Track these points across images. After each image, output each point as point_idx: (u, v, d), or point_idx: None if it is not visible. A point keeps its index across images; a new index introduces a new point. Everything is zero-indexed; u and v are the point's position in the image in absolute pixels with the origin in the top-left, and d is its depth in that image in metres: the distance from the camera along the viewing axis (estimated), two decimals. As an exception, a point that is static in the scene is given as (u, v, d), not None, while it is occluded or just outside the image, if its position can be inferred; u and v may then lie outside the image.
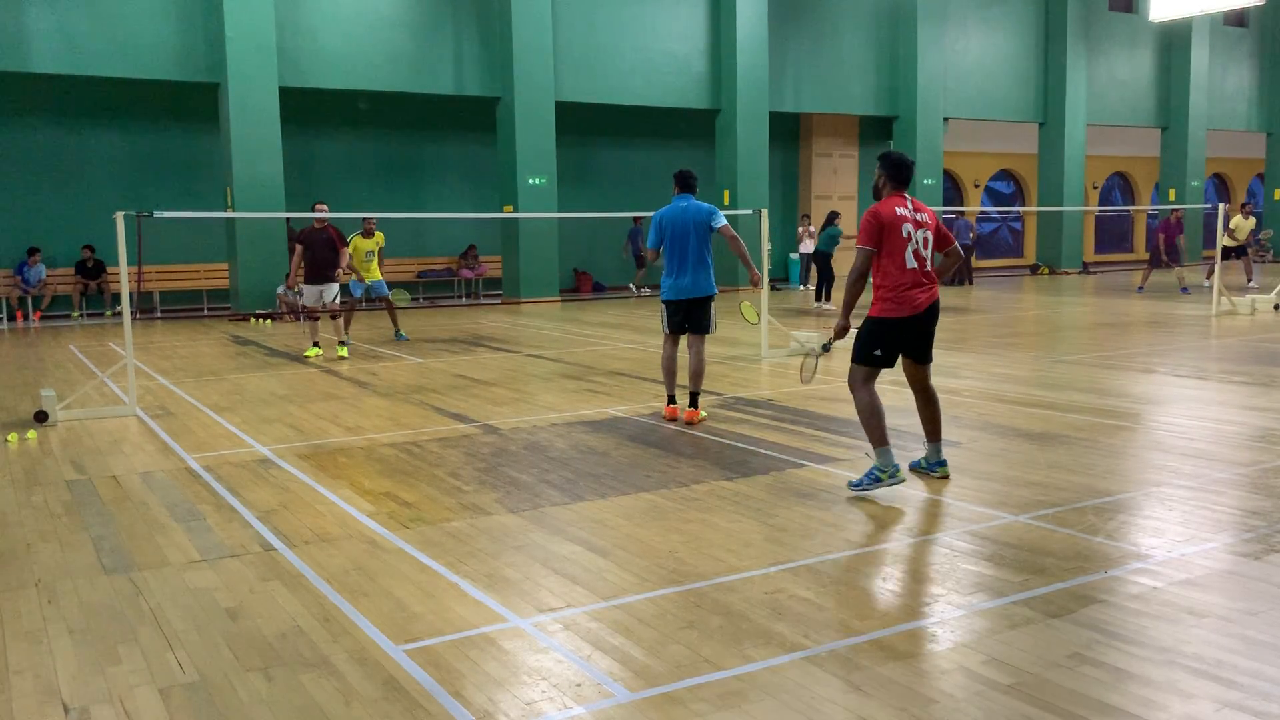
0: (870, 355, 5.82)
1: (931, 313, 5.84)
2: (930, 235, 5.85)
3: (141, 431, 8.12)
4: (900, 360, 6.00)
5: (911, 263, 5.73)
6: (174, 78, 17.74)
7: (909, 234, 5.73)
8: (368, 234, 13.78)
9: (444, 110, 21.41)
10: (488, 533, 5.23)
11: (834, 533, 5.14)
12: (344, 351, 12.44)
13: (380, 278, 13.96)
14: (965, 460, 6.60)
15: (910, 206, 5.84)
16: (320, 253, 12.43)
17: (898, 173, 5.90)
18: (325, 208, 12.61)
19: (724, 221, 7.94)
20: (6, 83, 17.49)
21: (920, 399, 6.14)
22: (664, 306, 8.09)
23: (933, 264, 5.89)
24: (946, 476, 6.14)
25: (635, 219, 22.66)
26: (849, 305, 5.92)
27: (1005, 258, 32.26)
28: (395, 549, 5.00)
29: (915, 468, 6.28)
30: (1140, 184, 34.69)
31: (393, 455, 7.06)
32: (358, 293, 13.85)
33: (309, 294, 12.63)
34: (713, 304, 8.01)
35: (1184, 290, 20.69)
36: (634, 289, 22.60)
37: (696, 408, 8.00)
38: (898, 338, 5.82)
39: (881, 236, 5.73)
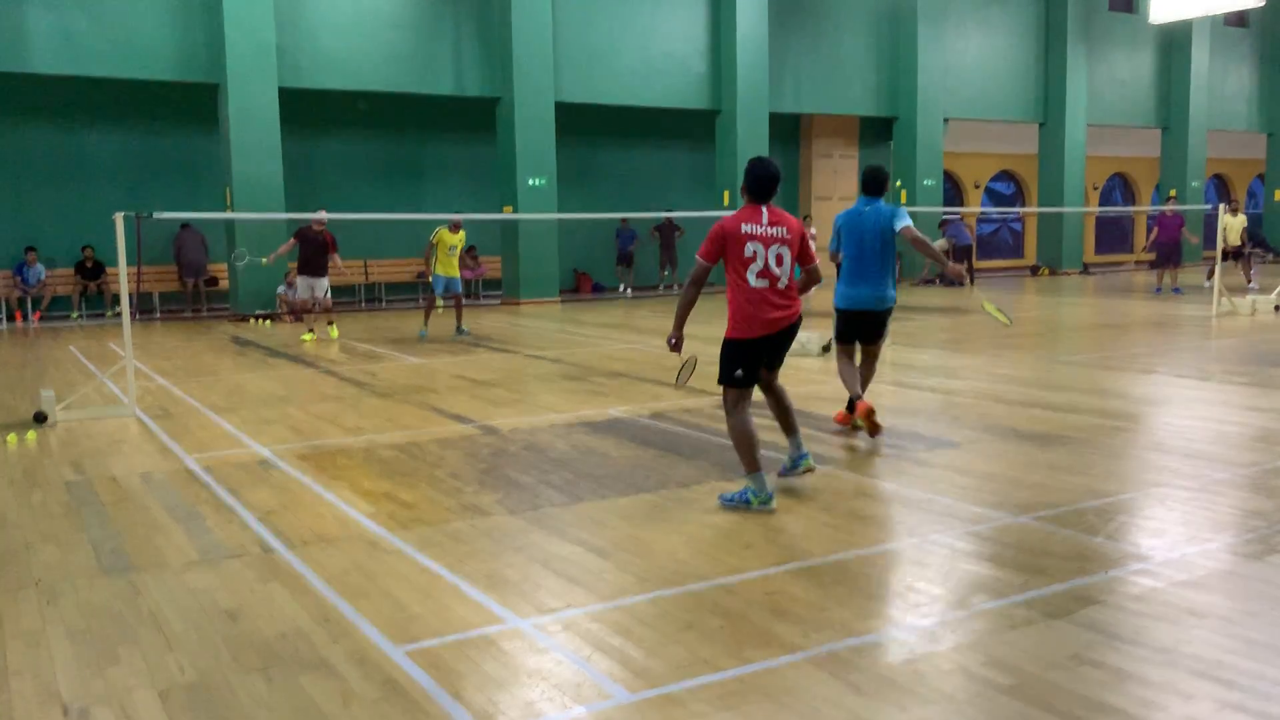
0: (731, 376, 5.62)
1: (789, 332, 5.65)
2: (786, 251, 5.55)
3: (141, 432, 8.12)
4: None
5: (757, 282, 5.48)
6: (174, 78, 17.74)
7: (754, 252, 5.45)
8: (454, 229, 14.23)
9: (444, 110, 21.41)
10: (487, 533, 5.22)
11: (834, 533, 5.14)
12: (335, 332, 14.22)
13: (458, 275, 14.48)
14: (965, 460, 6.60)
15: (764, 221, 5.52)
16: (312, 250, 13.95)
17: (757, 185, 5.57)
18: (324, 213, 13.96)
19: (906, 221, 7.19)
20: (6, 83, 17.48)
21: (768, 399, 5.96)
22: (837, 314, 7.46)
23: (790, 280, 5.60)
24: (812, 469, 5.99)
25: (623, 220, 22.80)
26: (680, 317, 5.69)
27: (1005, 258, 32.25)
28: (395, 550, 4.99)
29: (783, 474, 6.02)
30: (1140, 184, 34.69)
31: (392, 456, 7.06)
32: (439, 289, 14.37)
33: (301, 285, 14.05)
34: (889, 318, 7.51)
35: (1157, 290, 20.97)
36: (622, 288, 22.99)
37: (853, 411, 7.45)
38: (755, 358, 5.61)
39: (724, 251, 5.52)
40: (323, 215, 13.81)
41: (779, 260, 5.53)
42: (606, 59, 21.22)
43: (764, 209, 5.59)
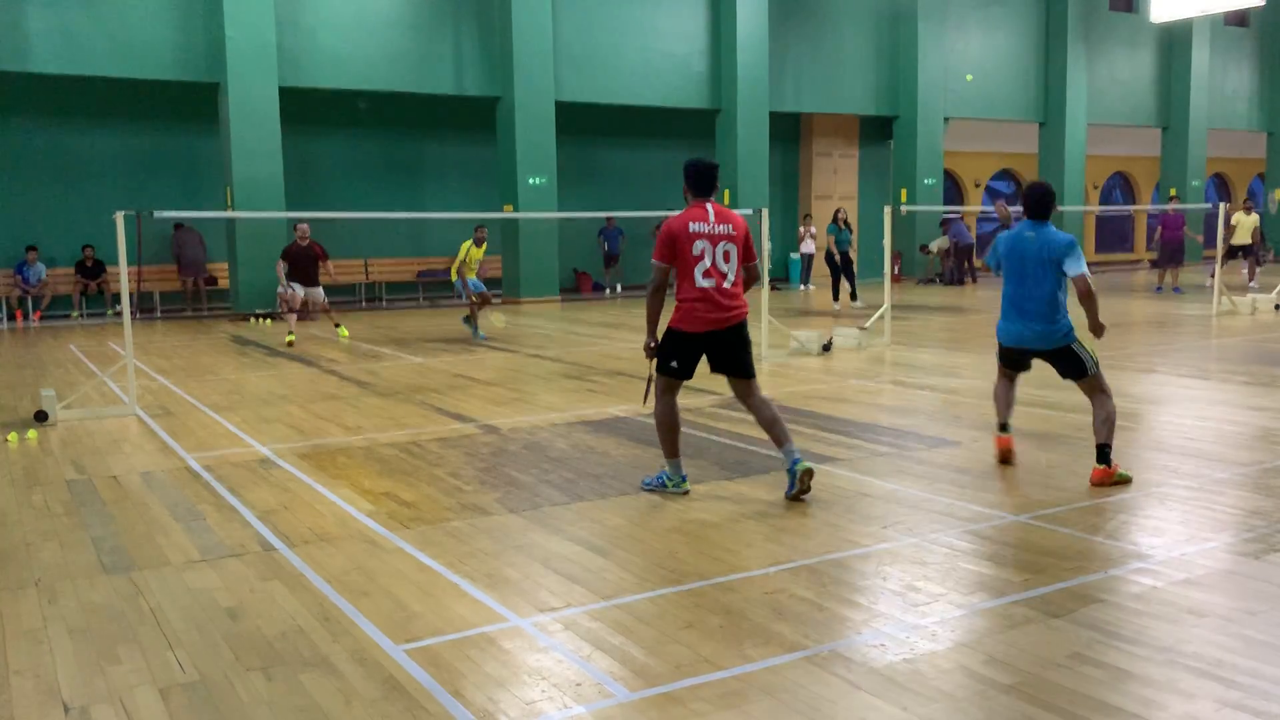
0: (667, 366, 5.71)
1: (730, 334, 5.62)
2: (733, 249, 5.59)
3: (141, 431, 8.12)
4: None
5: (703, 281, 5.54)
6: (174, 78, 17.73)
7: (702, 251, 5.52)
8: (479, 242, 14.40)
9: (444, 110, 21.40)
10: (488, 532, 5.23)
11: (834, 533, 5.14)
12: (344, 333, 14.56)
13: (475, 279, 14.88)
14: (965, 460, 6.60)
15: (711, 219, 5.59)
16: (303, 263, 14.32)
17: (699, 181, 5.66)
18: (306, 226, 14.46)
19: (1082, 269, 5.95)
20: (6, 83, 17.47)
21: (754, 415, 5.81)
22: (999, 347, 6.55)
23: (737, 277, 5.64)
24: (810, 472, 5.61)
25: (608, 219, 22.78)
26: (650, 324, 5.75)
27: (1005, 258, 32.22)
28: (395, 549, 5.00)
29: (789, 495, 5.67)
30: (1141, 184, 34.69)
31: (393, 455, 7.06)
32: (474, 288, 14.52)
33: (298, 289, 14.48)
34: (1075, 346, 6.07)
35: (1158, 289, 20.98)
36: (606, 290, 23.00)
37: (1108, 464, 5.92)
38: (693, 352, 5.66)
39: (675, 251, 5.57)
40: (305, 228, 14.29)
41: (726, 257, 5.62)
42: (606, 59, 21.22)
43: (709, 206, 5.68)
